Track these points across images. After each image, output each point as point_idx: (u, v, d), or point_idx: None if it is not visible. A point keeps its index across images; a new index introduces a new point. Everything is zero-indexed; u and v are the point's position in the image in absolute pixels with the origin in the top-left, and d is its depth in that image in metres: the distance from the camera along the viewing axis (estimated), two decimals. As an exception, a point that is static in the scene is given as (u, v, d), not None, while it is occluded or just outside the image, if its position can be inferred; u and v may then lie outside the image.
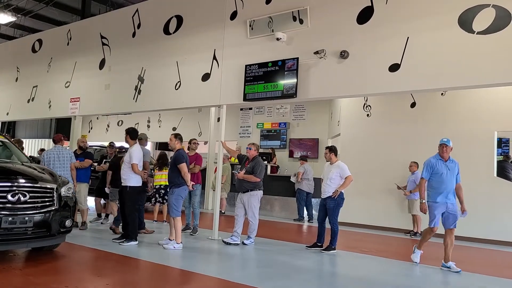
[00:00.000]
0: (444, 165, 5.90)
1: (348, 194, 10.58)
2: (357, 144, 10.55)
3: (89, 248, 6.17)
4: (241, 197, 7.12)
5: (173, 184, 6.51)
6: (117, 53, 9.90)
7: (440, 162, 5.91)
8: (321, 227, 7.03)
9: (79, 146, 8.19)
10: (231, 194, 11.47)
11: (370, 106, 10.42)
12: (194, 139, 8.26)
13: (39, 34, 12.69)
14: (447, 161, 5.92)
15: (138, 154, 6.65)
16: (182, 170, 6.42)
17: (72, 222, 5.51)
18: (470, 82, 5.60)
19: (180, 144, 6.65)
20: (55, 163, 7.05)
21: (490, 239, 8.48)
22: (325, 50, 6.60)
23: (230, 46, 7.83)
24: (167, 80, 8.71)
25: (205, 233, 7.83)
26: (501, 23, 5.27)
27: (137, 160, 6.56)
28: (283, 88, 6.99)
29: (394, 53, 6.04)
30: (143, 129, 18.28)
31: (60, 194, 5.32)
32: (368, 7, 6.35)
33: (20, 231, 4.80)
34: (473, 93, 8.90)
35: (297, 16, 7.01)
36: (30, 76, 12.14)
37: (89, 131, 20.73)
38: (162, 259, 5.73)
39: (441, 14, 5.74)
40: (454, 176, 5.91)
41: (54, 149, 7.30)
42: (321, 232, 7.02)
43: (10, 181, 4.88)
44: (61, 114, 11.35)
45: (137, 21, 9.53)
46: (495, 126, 8.77)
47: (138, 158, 6.59)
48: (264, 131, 14.78)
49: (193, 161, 7.81)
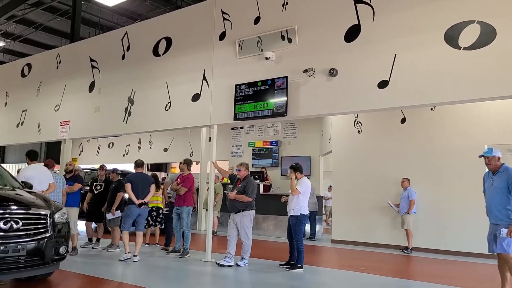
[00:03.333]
0: (490, 178, 5.11)
1: (340, 211, 10.63)
2: (349, 160, 10.56)
3: (83, 275, 6.02)
4: (233, 218, 7.04)
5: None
6: (107, 75, 9.89)
7: (489, 174, 5.18)
8: (290, 245, 6.99)
9: (66, 170, 8.09)
10: (223, 214, 11.37)
11: (360, 122, 10.47)
12: (187, 159, 8.18)
13: (28, 58, 12.68)
14: (495, 174, 5.03)
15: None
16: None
17: (66, 249, 5.30)
18: (459, 97, 5.63)
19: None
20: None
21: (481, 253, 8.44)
22: (314, 68, 6.64)
23: (219, 66, 7.86)
24: (157, 101, 8.69)
25: (197, 255, 7.71)
26: (486, 38, 5.34)
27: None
28: (273, 106, 7.00)
29: (382, 70, 6.09)
30: (134, 151, 18.20)
31: (54, 220, 5.13)
32: (355, 25, 6.42)
33: (13, 260, 4.62)
34: (462, 108, 8.99)
35: (285, 35, 7.07)
36: (19, 100, 12.07)
37: (80, 154, 20.57)
38: (155, 284, 5.62)
39: (427, 30, 5.81)
40: (498, 190, 4.90)
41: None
42: (291, 249, 6.97)
43: (2, 208, 4.71)
44: (51, 138, 11.25)
45: (126, 44, 9.56)
46: (485, 140, 8.82)
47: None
48: (256, 150, 14.76)
49: (181, 182, 7.77)
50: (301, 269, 6.70)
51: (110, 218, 7.96)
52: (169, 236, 8.80)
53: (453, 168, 9.02)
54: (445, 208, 9.04)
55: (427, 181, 9.31)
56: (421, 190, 9.26)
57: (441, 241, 9.02)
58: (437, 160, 9.24)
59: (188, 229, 7.78)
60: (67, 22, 15.92)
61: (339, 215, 10.62)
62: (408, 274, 7.11)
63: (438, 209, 9.14)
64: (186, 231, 7.76)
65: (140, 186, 7.32)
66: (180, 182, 7.80)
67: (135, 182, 7.32)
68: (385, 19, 6.20)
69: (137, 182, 7.32)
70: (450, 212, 8.96)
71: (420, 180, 9.33)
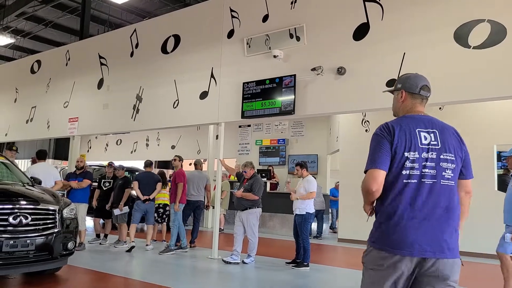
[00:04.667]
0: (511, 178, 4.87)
1: (347, 209, 10.59)
2: (356, 159, 10.46)
3: (91, 271, 6.06)
4: (239, 215, 7.06)
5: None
6: (116, 72, 9.94)
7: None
8: (297, 243, 7.00)
9: (77, 166, 8.16)
10: (230, 212, 11.39)
11: (368, 121, 10.43)
12: (176, 156, 8.16)
13: (38, 55, 12.77)
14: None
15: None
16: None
17: (74, 244, 5.38)
18: (468, 96, 5.60)
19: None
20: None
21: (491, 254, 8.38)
22: (322, 67, 6.63)
23: (227, 64, 7.87)
24: (165, 98, 8.73)
25: (204, 252, 7.74)
26: (496, 37, 5.30)
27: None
28: (281, 105, 7.00)
29: (391, 69, 6.06)
30: (142, 148, 18.27)
31: (63, 216, 5.20)
32: (364, 24, 6.40)
33: (22, 254, 4.68)
34: (471, 107, 8.91)
35: (293, 34, 7.06)
36: (28, 96, 12.17)
37: (88, 151, 20.69)
38: (161, 280, 5.65)
39: (436, 29, 5.78)
40: (510, 191, 4.86)
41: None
42: (297, 248, 6.98)
43: (12, 203, 4.77)
44: (59, 134, 11.35)
45: (135, 41, 9.60)
46: (495, 139, 8.76)
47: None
48: (263, 148, 14.76)
49: (173, 178, 7.90)
50: (307, 267, 6.70)
51: (117, 214, 8.09)
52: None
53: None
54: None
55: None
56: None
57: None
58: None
59: (174, 226, 7.69)
60: (77, 19, 16.01)
61: (346, 214, 10.59)
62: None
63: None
64: (172, 227, 7.75)
65: (147, 184, 8.01)
66: (172, 178, 7.94)
67: (142, 180, 7.99)
68: (394, 18, 6.17)
69: (144, 181, 7.99)
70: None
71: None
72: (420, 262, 2.07)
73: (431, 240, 2.08)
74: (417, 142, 2.18)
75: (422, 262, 2.07)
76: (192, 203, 8.31)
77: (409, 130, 2.21)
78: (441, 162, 2.19)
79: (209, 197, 9.18)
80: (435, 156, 2.19)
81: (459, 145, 2.30)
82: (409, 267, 2.08)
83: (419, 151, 2.17)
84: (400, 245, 2.09)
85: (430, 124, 2.28)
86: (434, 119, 2.33)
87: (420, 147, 2.18)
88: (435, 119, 2.32)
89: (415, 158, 2.16)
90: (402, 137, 2.19)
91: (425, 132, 2.22)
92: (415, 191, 2.14)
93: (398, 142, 2.18)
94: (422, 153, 2.17)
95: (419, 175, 2.15)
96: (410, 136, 2.19)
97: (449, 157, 2.22)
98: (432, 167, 2.17)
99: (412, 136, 2.20)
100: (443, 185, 2.17)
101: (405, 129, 2.22)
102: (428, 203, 2.13)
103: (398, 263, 2.08)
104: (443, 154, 2.21)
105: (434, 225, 2.11)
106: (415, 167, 2.15)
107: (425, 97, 2.41)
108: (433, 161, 2.18)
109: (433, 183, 2.16)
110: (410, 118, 2.31)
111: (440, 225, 2.12)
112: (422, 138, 2.20)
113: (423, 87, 2.41)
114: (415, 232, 2.09)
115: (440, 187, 2.16)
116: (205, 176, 8.70)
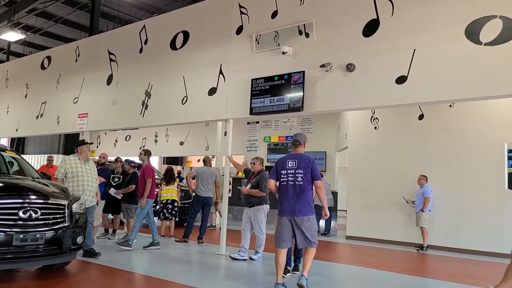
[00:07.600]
0: None
1: (356, 207, 10.54)
2: (364, 157, 10.47)
3: (99, 265, 6.09)
4: (247, 212, 7.06)
5: None
6: (125, 68, 9.98)
7: None
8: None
9: (99, 162, 8.32)
10: (238, 208, 11.40)
11: (377, 118, 10.36)
12: (147, 149, 7.96)
13: (48, 51, 12.86)
14: None
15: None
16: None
17: (83, 239, 5.42)
18: (478, 93, 5.53)
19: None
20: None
21: (502, 253, 8.31)
22: (331, 63, 6.60)
23: (236, 61, 7.86)
24: (174, 95, 8.75)
25: (212, 249, 7.76)
26: (508, 33, 5.23)
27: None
28: (289, 101, 6.98)
29: (400, 66, 6.02)
30: (150, 144, 18.36)
31: (72, 211, 5.22)
32: (373, 20, 6.35)
33: (31, 248, 4.71)
34: (482, 105, 8.82)
35: (303, 30, 7.03)
36: (39, 92, 12.27)
37: (97, 146, 20.85)
38: (170, 275, 5.67)
39: (447, 25, 5.72)
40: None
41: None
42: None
43: (21, 198, 4.81)
44: (69, 130, 11.42)
45: (144, 37, 9.62)
46: (506, 137, 8.66)
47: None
48: (271, 145, 14.76)
49: (141, 173, 7.67)
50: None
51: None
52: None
53: (471, 166, 8.87)
54: (463, 206, 8.89)
55: (445, 179, 9.17)
56: (438, 187, 9.14)
57: (458, 240, 8.89)
58: (455, 158, 9.09)
59: (137, 220, 7.48)
60: (86, 16, 16.09)
61: (354, 212, 10.56)
62: (423, 271, 7.04)
63: (456, 207, 8.99)
64: (135, 222, 7.57)
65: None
66: (140, 173, 7.71)
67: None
68: (404, 14, 6.11)
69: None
70: (468, 210, 8.81)
71: (437, 178, 9.19)
72: (293, 218, 4.88)
73: (291, 208, 4.88)
74: (285, 166, 5.03)
75: (295, 218, 4.87)
76: (201, 199, 8.33)
77: (284, 160, 5.09)
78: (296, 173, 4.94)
79: (218, 193, 9.19)
80: (293, 171, 4.95)
81: (308, 164, 4.93)
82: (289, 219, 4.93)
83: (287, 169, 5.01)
84: (283, 212, 4.95)
85: (294, 156, 5.05)
86: (298, 154, 5.08)
87: (287, 167, 5.00)
88: (298, 154, 5.08)
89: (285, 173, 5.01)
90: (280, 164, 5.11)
91: (291, 160, 5.03)
92: (285, 187, 4.97)
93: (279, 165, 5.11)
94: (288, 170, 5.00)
95: (286, 180, 4.96)
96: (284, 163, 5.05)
97: (299, 171, 4.92)
98: (292, 175, 4.95)
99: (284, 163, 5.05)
100: (297, 184, 4.91)
101: (282, 159, 5.13)
102: (290, 192, 4.94)
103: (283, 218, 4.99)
104: (297, 170, 4.93)
105: (292, 202, 4.89)
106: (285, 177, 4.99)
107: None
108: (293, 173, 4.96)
109: (293, 183, 4.93)
110: (289, 154, 5.18)
111: (294, 202, 4.88)
112: (288, 163, 5.01)
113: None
114: (287, 205, 4.92)
115: (297, 185, 4.92)
116: (215, 173, 8.71)
